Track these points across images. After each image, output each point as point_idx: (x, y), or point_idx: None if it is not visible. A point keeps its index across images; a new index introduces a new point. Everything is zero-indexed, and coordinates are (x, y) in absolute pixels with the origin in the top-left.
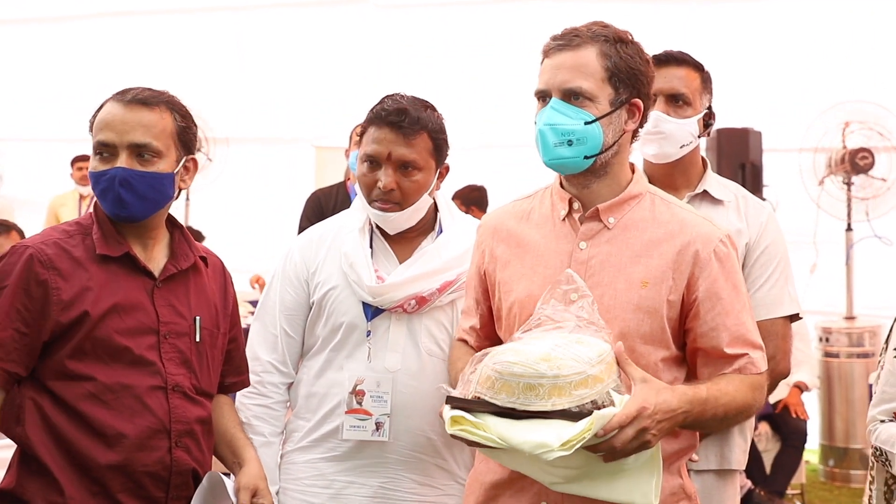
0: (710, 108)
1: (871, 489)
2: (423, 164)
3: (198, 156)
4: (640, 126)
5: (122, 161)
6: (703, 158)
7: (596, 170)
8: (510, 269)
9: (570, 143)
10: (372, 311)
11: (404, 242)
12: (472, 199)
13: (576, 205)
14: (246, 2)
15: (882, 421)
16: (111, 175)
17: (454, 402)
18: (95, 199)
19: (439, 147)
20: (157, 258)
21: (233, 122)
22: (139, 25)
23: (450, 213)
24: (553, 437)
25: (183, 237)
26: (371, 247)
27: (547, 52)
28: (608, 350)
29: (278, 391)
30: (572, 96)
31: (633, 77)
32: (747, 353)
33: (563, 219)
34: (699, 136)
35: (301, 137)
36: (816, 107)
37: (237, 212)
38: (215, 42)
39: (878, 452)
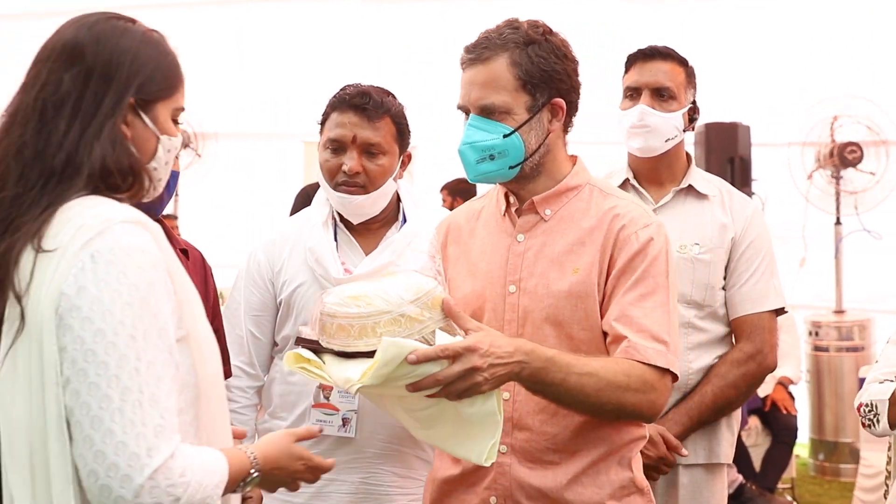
0: (694, 102)
1: (887, 469)
2: (387, 148)
3: (185, 150)
4: (570, 117)
5: None
6: (687, 153)
7: (526, 174)
8: (458, 266)
9: (492, 157)
10: None
11: (369, 234)
12: (459, 191)
13: (511, 199)
14: None
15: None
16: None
17: (301, 343)
18: None
19: (402, 132)
20: None
21: (222, 117)
22: (145, 18)
23: (413, 203)
24: (357, 372)
25: (164, 231)
26: (336, 240)
27: (461, 64)
28: (429, 290)
29: (245, 395)
30: (488, 112)
31: (549, 78)
32: (627, 337)
33: (504, 214)
34: (684, 131)
35: (290, 133)
36: (805, 101)
37: (226, 207)
38: (204, 36)
39: (868, 410)
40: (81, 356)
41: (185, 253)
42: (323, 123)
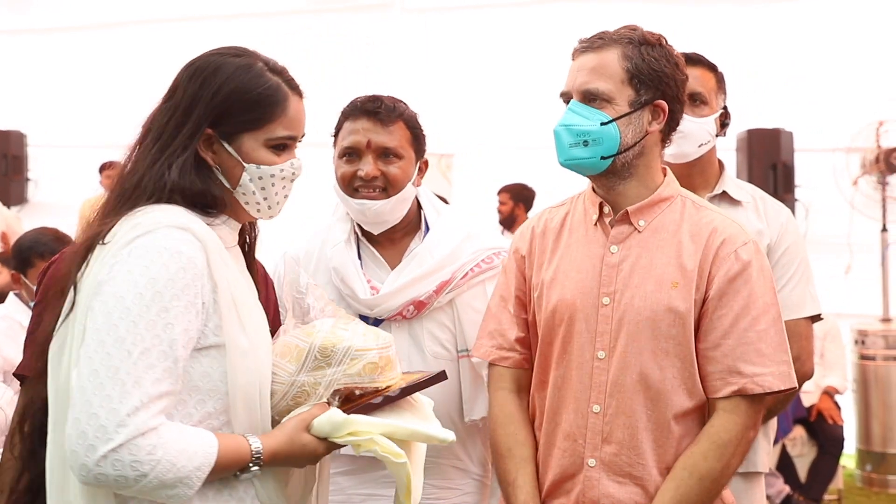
0: (725, 107)
1: None
2: (403, 153)
3: None
4: (670, 128)
5: None
6: (719, 160)
7: (618, 171)
8: (545, 273)
9: (585, 143)
10: (371, 323)
11: (392, 246)
12: (522, 197)
13: (606, 209)
14: (279, 6)
15: None
16: None
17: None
18: None
19: (417, 137)
20: None
21: None
22: (169, 33)
23: (434, 209)
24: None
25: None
26: (360, 257)
27: (573, 55)
28: (308, 350)
29: None
30: (590, 98)
31: (657, 79)
32: (743, 372)
33: (595, 223)
34: (716, 136)
35: (320, 142)
36: (849, 106)
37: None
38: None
39: None
40: (91, 334)
41: None
42: (336, 134)
